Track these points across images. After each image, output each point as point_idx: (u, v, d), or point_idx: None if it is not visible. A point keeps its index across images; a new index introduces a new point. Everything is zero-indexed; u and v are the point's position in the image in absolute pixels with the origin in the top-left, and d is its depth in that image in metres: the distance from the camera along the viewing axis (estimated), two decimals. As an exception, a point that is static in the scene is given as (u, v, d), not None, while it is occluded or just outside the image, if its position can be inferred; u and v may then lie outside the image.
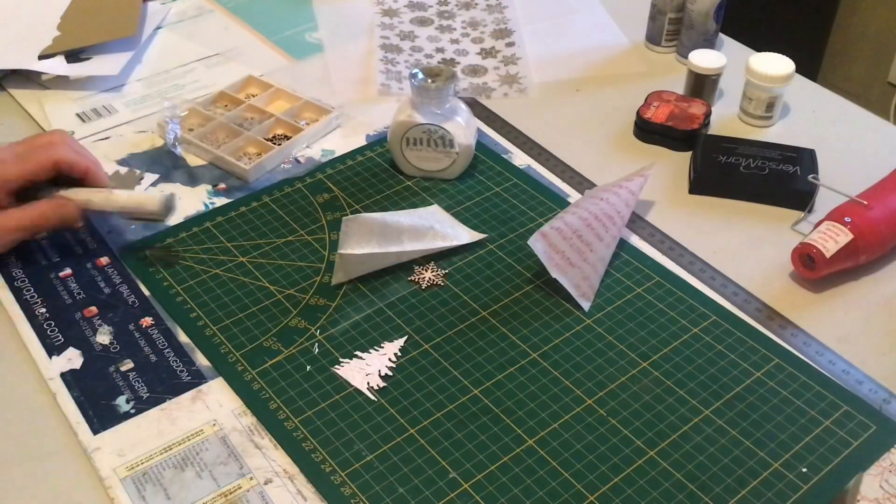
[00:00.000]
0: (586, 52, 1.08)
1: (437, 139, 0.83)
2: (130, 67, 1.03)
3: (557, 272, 0.73)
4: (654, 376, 0.68)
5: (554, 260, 0.73)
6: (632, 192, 0.80)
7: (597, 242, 0.75)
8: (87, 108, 0.96)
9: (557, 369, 0.69)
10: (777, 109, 0.94)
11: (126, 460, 0.62)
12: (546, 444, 0.63)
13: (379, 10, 1.15)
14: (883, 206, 0.76)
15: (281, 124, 0.93)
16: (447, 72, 0.83)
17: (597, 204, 0.77)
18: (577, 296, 0.73)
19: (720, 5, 0.99)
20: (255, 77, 0.99)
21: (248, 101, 0.95)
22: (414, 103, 0.83)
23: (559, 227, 0.73)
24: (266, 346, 0.70)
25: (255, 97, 0.96)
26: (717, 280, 0.77)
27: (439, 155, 0.85)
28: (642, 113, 0.93)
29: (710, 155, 0.87)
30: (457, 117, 0.84)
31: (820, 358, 0.70)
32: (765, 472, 0.62)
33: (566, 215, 0.75)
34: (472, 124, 0.86)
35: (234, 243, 0.80)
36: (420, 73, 0.82)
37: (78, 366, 0.69)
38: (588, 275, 0.74)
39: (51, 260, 0.78)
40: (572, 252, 0.73)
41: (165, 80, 1.01)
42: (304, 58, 1.05)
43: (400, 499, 0.60)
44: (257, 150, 0.89)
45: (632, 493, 0.60)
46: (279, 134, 0.92)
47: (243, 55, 1.05)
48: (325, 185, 0.86)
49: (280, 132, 0.92)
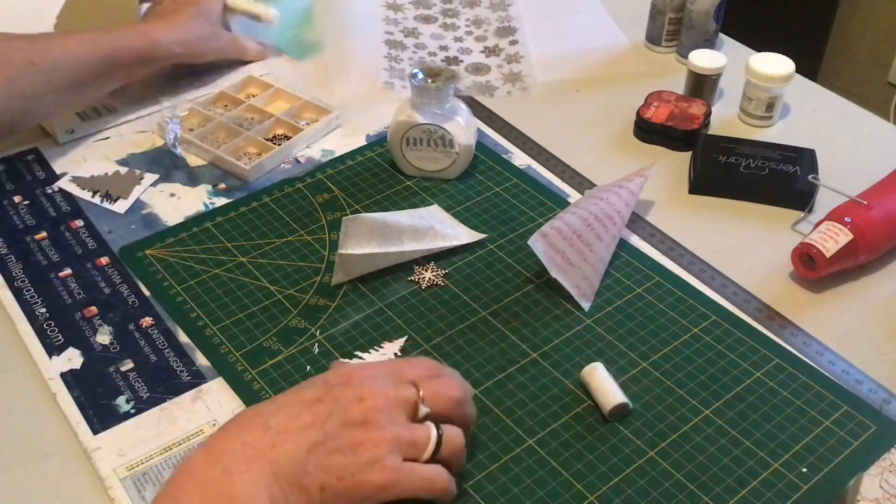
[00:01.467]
0: (586, 52, 1.08)
1: (437, 139, 0.83)
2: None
3: (557, 272, 0.73)
4: (654, 376, 0.68)
5: (554, 260, 0.73)
6: (632, 192, 0.80)
7: (597, 242, 0.75)
8: (86, 106, 0.96)
9: (557, 369, 0.68)
10: (777, 109, 0.94)
11: (126, 460, 0.62)
12: (546, 444, 0.63)
13: (384, 3, 1.15)
14: (883, 206, 0.76)
15: (281, 124, 0.93)
16: (447, 72, 0.83)
17: (597, 204, 0.77)
18: (577, 296, 0.73)
19: (720, 5, 0.99)
20: (256, 77, 0.99)
21: (248, 101, 0.95)
22: (414, 103, 0.83)
23: (559, 227, 0.73)
24: (266, 346, 0.70)
25: (255, 97, 0.96)
26: (717, 280, 0.77)
27: (439, 155, 0.85)
28: (642, 113, 0.93)
29: (710, 155, 0.87)
30: (457, 117, 0.84)
31: (820, 358, 0.70)
32: (765, 472, 0.62)
33: (566, 215, 0.75)
34: (473, 124, 0.86)
35: (234, 243, 0.80)
36: (420, 73, 0.82)
37: (78, 366, 0.69)
38: (588, 275, 0.74)
39: (51, 260, 0.78)
40: (572, 252, 0.73)
41: (165, 79, 1.01)
42: (304, 58, 1.05)
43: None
44: (257, 150, 0.89)
45: (632, 493, 0.60)
46: (279, 134, 0.92)
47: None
48: (325, 185, 0.86)
49: (280, 132, 0.92)
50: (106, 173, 0.87)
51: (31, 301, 0.74)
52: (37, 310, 0.73)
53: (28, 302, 0.74)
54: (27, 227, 0.81)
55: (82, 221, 0.82)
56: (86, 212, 0.83)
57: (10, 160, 0.89)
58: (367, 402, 0.54)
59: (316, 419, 0.53)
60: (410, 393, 0.56)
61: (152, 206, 0.84)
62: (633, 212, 0.82)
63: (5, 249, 0.79)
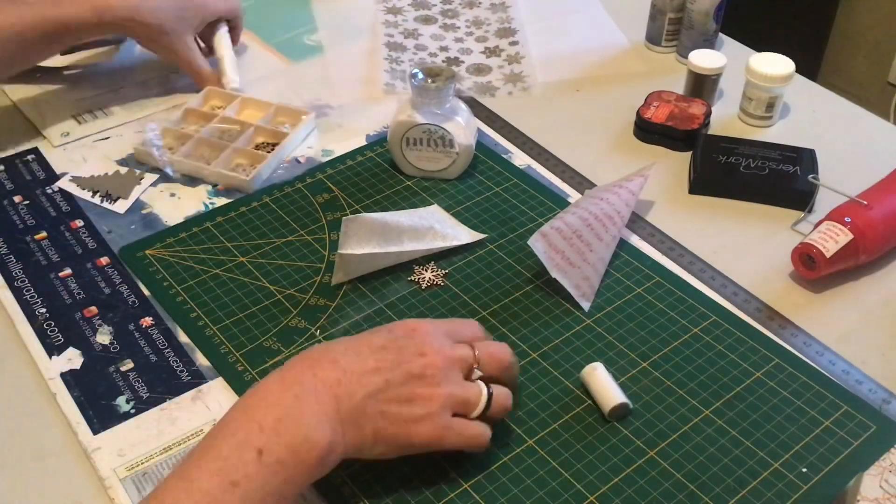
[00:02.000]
0: (586, 52, 1.08)
1: (437, 139, 0.83)
2: (126, 69, 1.02)
3: (557, 272, 0.73)
4: (654, 376, 0.68)
5: (554, 260, 0.73)
6: (632, 192, 0.80)
7: (597, 242, 0.75)
8: (82, 109, 0.96)
9: (557, 369, 0.68)
10: (777, 109, 0.94)
11: (126, 460, 0.62)
12: (546, 444, 0.63)
13: (383, 7, 1.15)
14: (883, 206, 0.76)
15: (261, 132, 0.91)
16: (447, 72, 0.83)
17: (597, 204, 0.77)
18: (577, 296, 0.73)
19: (720, 5, 0.99)
20: (215, 89, 0.97)
21: (218, 113, 0.93)
22: (414, 103, 0.83)
23: (559, 227, 0.73)
24: (266, 346, 0.70)
25: (222, 109, 0.95)
26: (717, 280, 0.77)
27: (439, 155, 0.85)
28: (642, 113, 0.93)
29: (710, 155, 0.87)
30: (457, 117, 0.84)
31: (820, 358, 0.70)
32: (765, 472, 0.62)
33: (566, 215, 0.75)
34: (473, 124, 0.86)
35: (234, 243, 0.80)
36: (420, 73, 0.82)
37: (78, 366, 0.69)
38: (588, 275, 0.74)
39: (51, 260, 0.78)
40: (572, 252, 0.73)
41: (161, 82, 1.00)
42: (302, 60, 1.05)
43: (400, 499, 0.60)
44: (248, 160, 0.88)
45: (632, 493, 0.60)
46: (262, 142, 0.91)
47: (239, 58, 1.04)
48: (325, 185, 0.86)
49: (262, 140, 0.91)
50: (106, 173, 0.87)
51: (31, 301, 0.74)
52: (37, 310, 0.73)
53: (28, 302, 0.74)
54: (27, 227, 0.81)
55: (82, 221, 0.82)
56: (86, 212, 0.83)
57: (10, 160, 0.89)
58: (428, 358, 0.58)
59: (380, 366, 0.57)
60: (467, 353, 0.60)
61: (152, 206, 0.84)
62: (633, 212, 0.82)
63: (5, 249, 0.79)
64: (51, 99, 0.98)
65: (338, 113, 0.96)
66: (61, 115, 0.95)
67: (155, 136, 0.89)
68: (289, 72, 1.03)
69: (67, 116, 0.95)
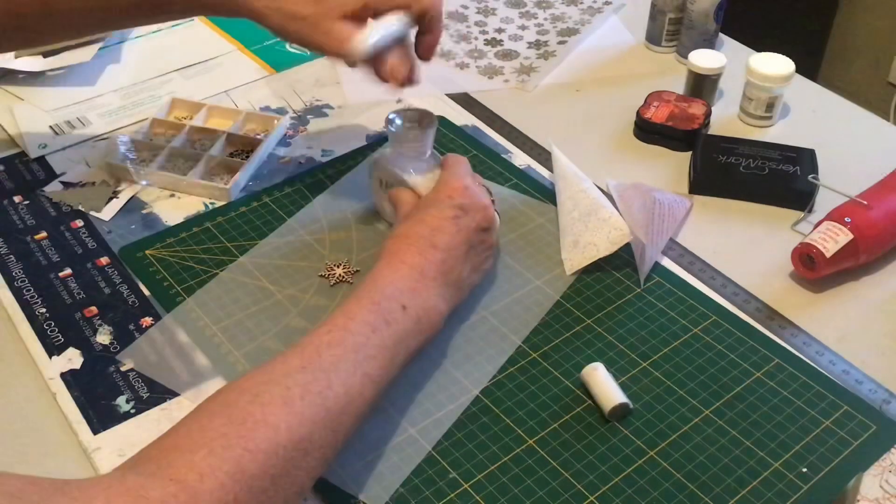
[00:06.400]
0: (586, 52, 1.08)
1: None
2: (105, 78, 1.01)
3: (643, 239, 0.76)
4: (654, 376, 0.68)
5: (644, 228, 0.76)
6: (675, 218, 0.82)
7: (668, 230, 0.79)
8: (60, 119, 0.94)
9: (557, 369, 0.69)
10: (777, 109, 0.94)
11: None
12: (546, 444, 0.63)
13: None
14: (883, 206, 0.76)
15: (234, 139, 0.90)
16: (428, 118, 0.76)
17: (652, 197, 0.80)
18: (641, 272, 0.76)
19: (720, 5, 0.99)
20: (179, 98, 0.95)
21: (185, 123, 0.92)
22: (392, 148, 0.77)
23: (661, 200, 0.78)
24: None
25: (189, 118, 0.94)
26: (717, 280, 0.77)
27: None
28: (642, 113, 0.93)
29: (710, 155, 0.87)
30: (427, 174, 0.75)
31: (820, 358, 0.70)
32: (765, 472, 0.62)
33: (656, 192, 0.80)
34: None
35: (234, 243, 0.80)
36: (398, 119, 0.76)
37: (78, 366, 0.69)
38: (653, 255, 0.77)
39: (51, 260, 0.78)
40: (655, 229, 0.77)
41: (141, 90, 0.99)
42: (285, 68, 1.04)
43: (400, 498, 0.60)
44: (225, 169, 0.87)
45: (632, 493, 0.60)
46: (236, 150, 0.90)
47: (222, 66, 1.03)
48: (326, 185, 0.86)
49: (236, 148, 0.90)
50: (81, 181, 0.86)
51: (31, 301, 0.74)
52: (37, 310, 0.73)
53: (28, 302, 0.74)
54: (27, 227, 0.81)
55: (82, 221, 0.82)
56: (86, 212, 0.83)
57: (9, 160, 0.89)
58: (485, 211, 0.71)
59: (463, 233, 0.69)
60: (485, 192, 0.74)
61: (152, 206, 0.84)
62: (634, 212, 0.82)
63: (5, 249, 0.79)
64: (27, 109, 0.96)
65: (338, 113, 0.96)
66: (39, 125, 0.93)
67: (128, 150, 0.88)
68: (289, 72, 1.03)
69: (45, 126, 0.93)
